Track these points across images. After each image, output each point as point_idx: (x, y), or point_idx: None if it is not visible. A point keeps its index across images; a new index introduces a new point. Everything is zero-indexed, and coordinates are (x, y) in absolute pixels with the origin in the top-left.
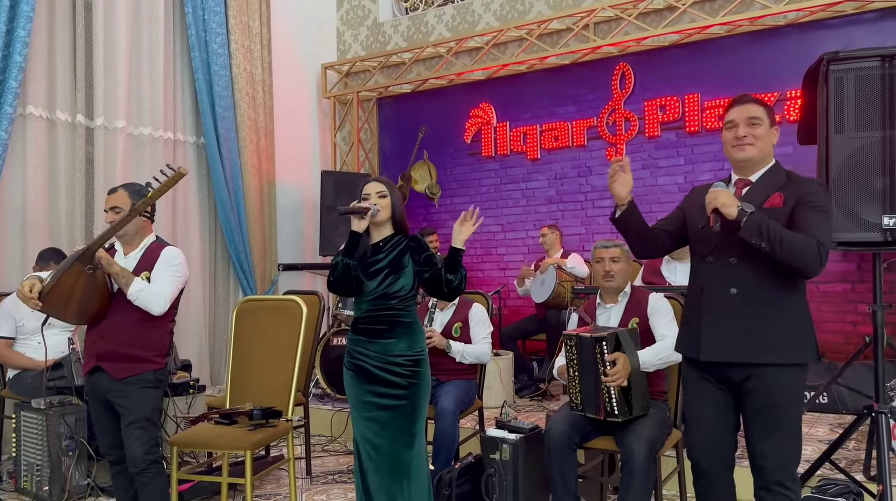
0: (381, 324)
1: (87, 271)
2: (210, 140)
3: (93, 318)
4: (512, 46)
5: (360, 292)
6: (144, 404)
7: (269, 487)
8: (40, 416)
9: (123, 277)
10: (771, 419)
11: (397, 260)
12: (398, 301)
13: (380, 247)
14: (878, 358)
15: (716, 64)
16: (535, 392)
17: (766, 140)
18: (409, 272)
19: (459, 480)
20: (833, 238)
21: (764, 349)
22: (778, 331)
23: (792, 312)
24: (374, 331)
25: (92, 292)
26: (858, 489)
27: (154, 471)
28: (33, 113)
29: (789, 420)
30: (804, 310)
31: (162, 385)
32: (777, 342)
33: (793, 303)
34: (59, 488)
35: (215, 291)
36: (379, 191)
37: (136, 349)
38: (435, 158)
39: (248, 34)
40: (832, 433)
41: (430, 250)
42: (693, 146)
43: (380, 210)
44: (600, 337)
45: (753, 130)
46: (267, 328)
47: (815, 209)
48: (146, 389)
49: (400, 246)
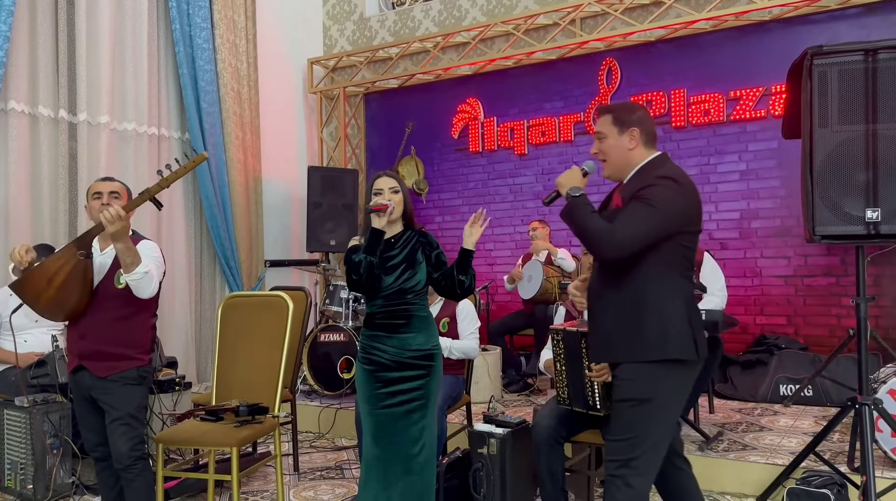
0: (399, 319)
1: (78, 256)
2: (195, 136)
3: (67, 313)
4: (499, 41)
5: (377, 288)
6: (129, 400)
7: (257, 484)
8: (24, 414)
9: (131, 255)
10: (615, 414)
11: (411, 256)
12: (413, 295)
13: (392, 243)
14: (862, 351)
15: (702, 59)
16: (523, 387)
17: (617, 149)
18: (423, 268)
19: (447, 475)
20: (817, 232)
21: (613, 348)
22: (628, 330)
23: (635, 310)
24: (393, 326)
25: (73, 283)
26: (842, 480)
27: (140, 467)
28: (15, 108)
29: (633, 413)
30: (658, 308)
31: (146, 382)
32: (621, 341)
33: (640, 300)
34: (43, 486)
35: (201, 287)
36: (392, 187)
37: (118, 347)
38: (422, 154)
39: (233, 29)
40: (817, 426)
41: (439, 247)
42: (679, 141)
43: (394, 207)
44: (585, 332)
45: (600, 145)
46: (253, 325)
47: (638, 200)
48: (130, 386)
49: (412, 242)
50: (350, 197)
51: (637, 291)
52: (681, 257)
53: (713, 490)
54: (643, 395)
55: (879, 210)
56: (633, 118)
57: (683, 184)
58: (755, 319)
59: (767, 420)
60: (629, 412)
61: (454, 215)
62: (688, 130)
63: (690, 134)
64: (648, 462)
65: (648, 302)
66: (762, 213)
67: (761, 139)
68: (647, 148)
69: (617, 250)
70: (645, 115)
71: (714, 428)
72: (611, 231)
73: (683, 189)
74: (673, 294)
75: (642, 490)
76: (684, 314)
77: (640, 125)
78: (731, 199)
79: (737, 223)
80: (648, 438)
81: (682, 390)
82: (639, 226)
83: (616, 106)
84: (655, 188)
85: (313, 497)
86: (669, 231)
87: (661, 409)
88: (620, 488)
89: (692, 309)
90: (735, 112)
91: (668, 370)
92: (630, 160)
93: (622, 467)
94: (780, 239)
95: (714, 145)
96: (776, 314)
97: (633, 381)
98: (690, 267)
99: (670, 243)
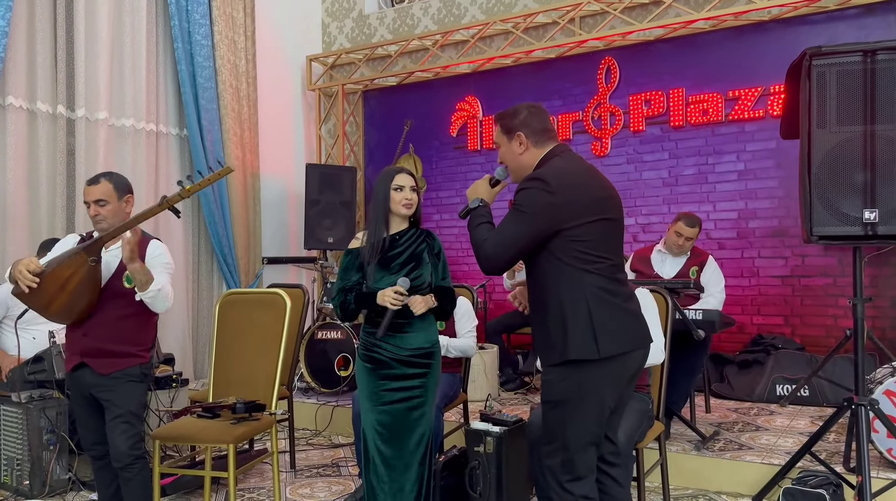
0: (401, 318)
1: (89, 263)
2: (193, 132)
3: (76, 316)
4: (498, 40)
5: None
6: (130, 398)
7: (253, 481)
8: (20, 410)
9: (144, 274)
10: (544, 415)
11: (416, 254)
12: (418, 294)
13: (396, 240)
14: (859, 351)
15: (700, 59)
16: (520, 386)
17: (510, 156)
18: (429, 267)
19: (444, 473)
20: (814, 232)
21: (540, 352)
22: (542, 333)
23: (543, 312)
24: (394, 324)
25: (84, 288)
26: (838, 480)
27: (139, 466)
28: (13, 103)
29: (552, 417)
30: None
31: (147, 379)
32: (540, 345)
33: (545, 302)
34: (39, 482)
35: (198, 284)
36: (412, 185)
37: (122, 344)
38: (420, 152)
39: (231, 25)
40: (813, 426)
41: (442, 250)
42: (677, 141)
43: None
44: None
45: (499, 154)
46: (250, 322)
47: (511, 210)
48: (132, 383)
49: (417, 240)
50: (348, 195)
51: (543, 293)
52: (575, 252)
53: (709, 489)
54: (555, 397)
55: (877, 211)
56: (517, 123)
57: (553, 183)
58: (752, 319)
59: (764, 420)
60: (549, 415)
61: (452, 214)
62: (686, 129)
63: (689, 134)
64: (579, 465)
65: (550, 303)
66: (760, 213)
67: (759, 139)
68: (538, 147)
69: (486, 260)
70: (529, 115)
71: (710, 428)
72: (482, 242)
73: (552, 187)
74: (573, 293)
75: (581, 493)
76: (585, 311)
77: (524, 128)
78: (729, 199)
79: (734, 223)
80: (570, 440)
81: (593, 389)
82: (505, 234)
83: (502, 114)
84: (522, 193)
85: (310, 495)
86: (543, 233)
87: (576, 410)
88: (562, 495)
89: (597, 304)
90: (733, 112)
91: (574, 371)
92: (523, 164)
93: (557, 473)
94: (778, 239)
95: (712, 145)
96: (773, 313)
97: (548, 383)
98: (595, 259)
99: (559, 240)
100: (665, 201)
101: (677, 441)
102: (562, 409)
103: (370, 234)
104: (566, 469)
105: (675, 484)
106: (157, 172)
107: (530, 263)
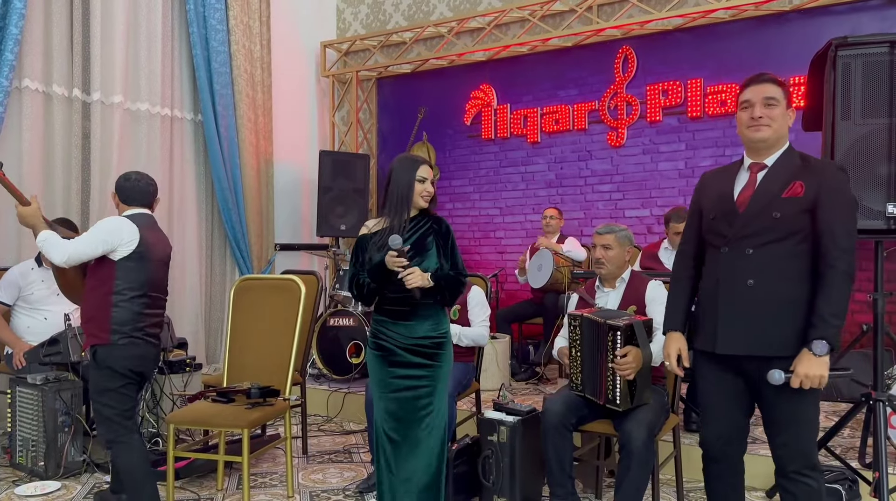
0: (406, 306)
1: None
2: (208, 117)
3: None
4: (514, 27)
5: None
6: (92, 381)
7: (265, 465)
8: (36, 391)
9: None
10: (788, 410)
11: (420, 242)
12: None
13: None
14: (878, 346)
15: (719, 49)
16: (531, 376)
17: (782, 121)
18: (433, 255)
19: (456, 461)
20: None
21: (780, 343)
22: (793, 324)
23: (808, 304)
24: (400, 313)
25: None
26: (854, 476)
27: (116, 451)
28: (29, 86)
29: (806, 411)
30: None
31: (102, 365)
32: (792, 335)
33: (809, 295)
34: (54, 463)
35: (211, 269)
36: (432, 178)
37: (85, 322)
38: (434, 140)
39: (247, 10)
40: (827, 421)
41: (451, 231)
42: (694, 132)
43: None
44: (616, 326)
45: (770, 111)
46: (265, 308)
47: (840, 207)
48: (92, 365)
49: (423, 228)
50: (361, 182)
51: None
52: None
53: None
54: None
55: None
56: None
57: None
58: None
59: None
60: (813, 405)
61: (465, 203)
62: (704, 120)
63: (706, 124)
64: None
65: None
66: None
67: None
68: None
69: (852, 254)
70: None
71: None
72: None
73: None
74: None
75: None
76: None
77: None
78: None
79: None
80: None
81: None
82: (854, 232)
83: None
84: (845, 186)
85: (321, 480)
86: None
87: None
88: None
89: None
90: None
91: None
92: (784, 136)
93: (810, 467)
94: None
95: (730, 136)
96: None
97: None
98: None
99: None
100: (681, 193)
101: (692, 434)
102: (816, 396)
103: (392, 217)
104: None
105: (689, 477)
106: (171, 157)
107: (795, 248)
